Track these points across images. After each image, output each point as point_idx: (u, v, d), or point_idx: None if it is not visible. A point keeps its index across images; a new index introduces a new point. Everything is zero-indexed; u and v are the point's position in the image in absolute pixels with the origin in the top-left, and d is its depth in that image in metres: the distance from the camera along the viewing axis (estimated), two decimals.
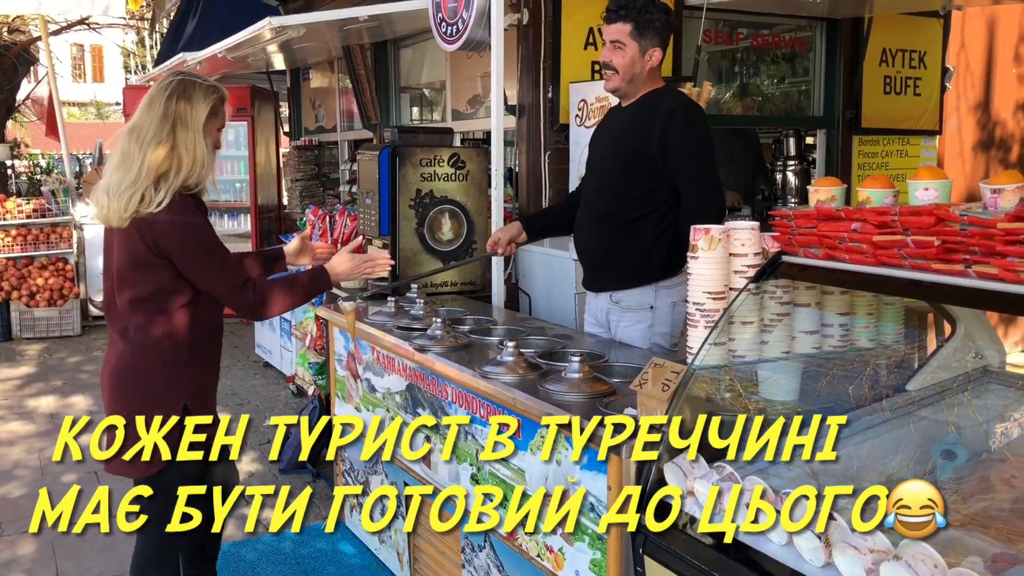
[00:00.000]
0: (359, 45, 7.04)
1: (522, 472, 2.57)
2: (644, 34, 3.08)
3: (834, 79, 5.93)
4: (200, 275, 2.59)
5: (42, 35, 9.91)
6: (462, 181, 4.39)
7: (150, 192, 2.50)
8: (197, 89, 2.59)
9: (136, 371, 2.63)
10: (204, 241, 2.59)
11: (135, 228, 2.52)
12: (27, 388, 6.57)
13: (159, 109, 2.55)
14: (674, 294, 3.16)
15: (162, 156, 2.52)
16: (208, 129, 2.61)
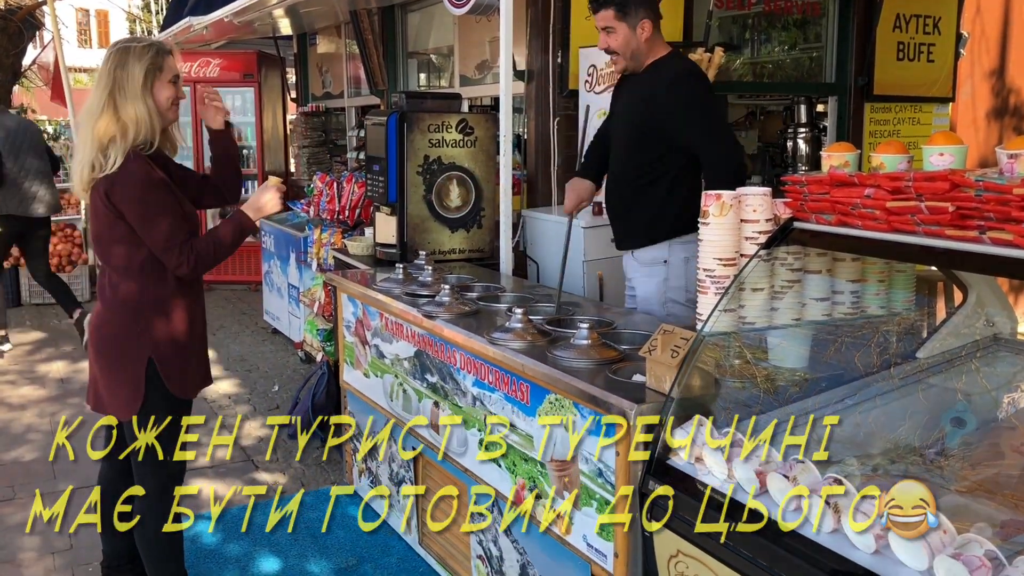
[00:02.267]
0: (366, 10, 6.98)
1: (530, 438, 2.57)
2: (628, 12, 3.22)
3: (847, 45, 5.85)
4: (141, 229, 2.70)
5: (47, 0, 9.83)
6: (470, 148, 4.36)
7: (99, 159, 2.65)
8: (131, 53, 2.69)
9: (106, 326, 2.81)
10: (147, 194, 2.68)
11: (96, 190, 2.68)
12: (37, 353, 6.60)
13: (101, 82, 2.69)
14: (688, 250, 3.23)
15: (103, 125, 2.65)
16: (155, 87, 2.70)
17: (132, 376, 2.76)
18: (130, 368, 2.76)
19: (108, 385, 2.83)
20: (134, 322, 2.77)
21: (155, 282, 2.77)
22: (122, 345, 2.78)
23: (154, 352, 2.77)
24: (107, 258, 2.78)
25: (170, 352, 2.81)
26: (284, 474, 4.32)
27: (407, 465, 3.48)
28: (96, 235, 2.78)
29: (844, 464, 2.07)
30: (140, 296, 2.76)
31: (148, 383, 2.76)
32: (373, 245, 4.62)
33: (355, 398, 3.92)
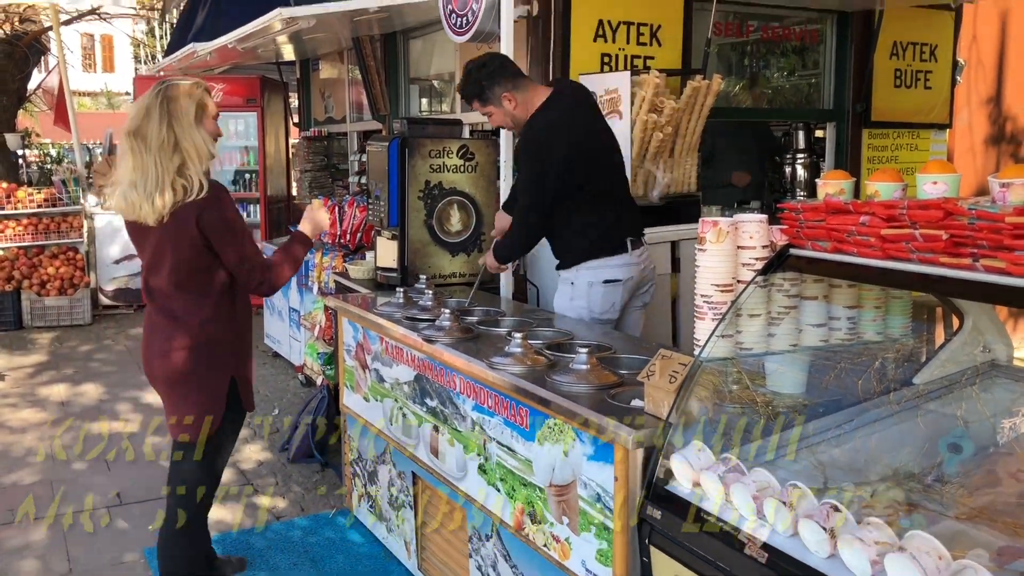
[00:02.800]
0: (369, 36, 7.04)
1: (529, 463, 2.58)
2: (488, 98, 3.62)
3: (844, 72, 5.91)
4: (227, 252, 2.89)
5: (53, 25, 9.94)
6: (471, 173, 4.39)
7: (179, 184, 2.80)
8: (181, 90, 2.90)
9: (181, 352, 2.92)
10: (236, 226, 2.92)
11: (183, 216, 2.81)
12: (38, 376, 6.61)
13: (155, 114, 2.84)
14: (593, 275, 3.63)
15: (170, 155, 2.81)
16: (202, 121, 2.91)
17: (217, 396, 2.97)
18: (212, 388, 2.96)
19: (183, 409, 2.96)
20: (216, 346, 2.95)
21: (228, 306, 2.99)
22: (204, 368, 2.94)
23: (235, 371, 3.02)
24: (186, 283, 2.91)
25: (246, 371, 3.08)
26: (284, 498, 4.32)
27: (406, 490, 3.48)
28: (177, 261, 2.87)
29: (841, 490, 2.08)
30: (217, 320, 2.95)
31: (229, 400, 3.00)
32: (374, 269, 4.64)
33: (355, 422, 3.93)
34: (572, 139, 3.55)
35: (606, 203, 3.68)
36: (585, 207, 3.62)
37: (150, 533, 3.91)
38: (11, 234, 8.39)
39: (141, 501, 4.26)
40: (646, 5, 4.84)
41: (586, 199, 3.62)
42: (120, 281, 8.91)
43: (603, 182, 3.67)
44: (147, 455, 4.87)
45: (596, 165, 3.65)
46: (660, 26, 4.91)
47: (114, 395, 6.08)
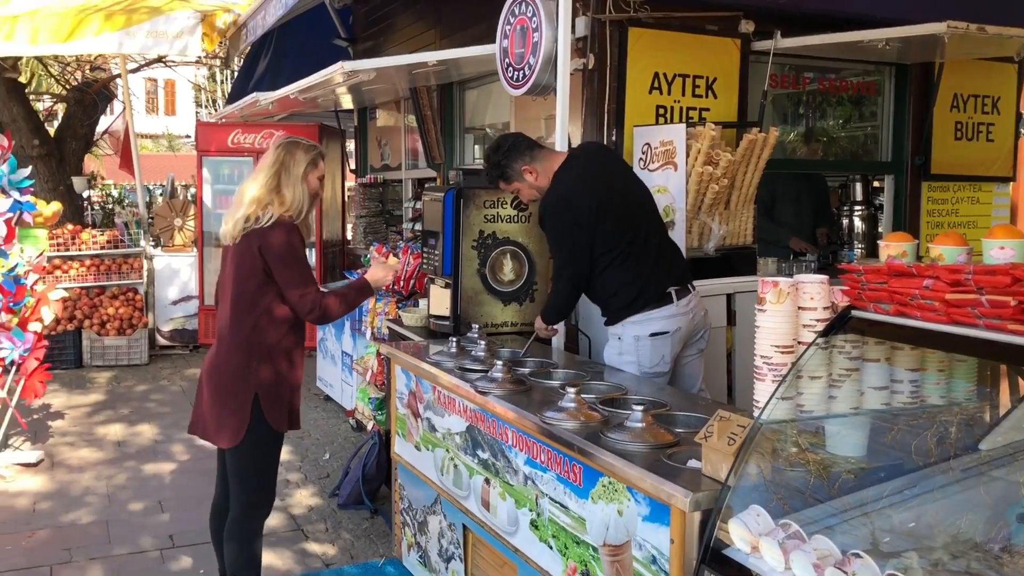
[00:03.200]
0: (426, 86, 7.18)
1: (583, 520, 2.56)
2: (510, 177, 3.82)
3: (903, 124, 5.85)
4: (281, 278, 3.19)
5: (121, 73, 10.30)
6: (524, 223, 4.42)
7: (255, 214, 3.17)
8: (300, 147, 3.32)
9: (224, 364, 3.24)
10: (292, 251, 3.19)
11: (249, 239, 3.18)
12: (96, 416, 6.75)
13: (270, 158, 3.28)
14: (638, 329, 3.66)
15: (265, 192, 3.22)
16: (308, 179, 3.30)
17: (240, 408, 3.18)
18: (240, 401, 3.18)
19: (217, 415, 3.24)
20: (250, 361, 3.19)
21: (273, 327, 3.22)
22: (234, 379, 3.20)
23: (260, 389, 3.20)
24: (238, 300, 3.22)
25: (274, 390, 3.24)
26: (333, 545, 4.33)
27: (457, 542, 3.46)
28: (237, 279, 3.22)
29: (903, 558, 2.02)
30: (260, 338, 3.20)
31: (252, 415, 3.18)
32: (427, 316, 4.68)
33: (406, 470, 3.93)
34: (591, 192, 3.64)
35: (642, 254, 3.69)
36: (618, 261, 3.65)
37: None
38: (74, 275, 8.62)
39: (193, 544, 4.30)
40: (702, 58, 4.87)
41: (619, 253, 3.64)
42: (177, 322, 9.09)
43: (635, 233, 3.69)
44: (199, 498, 4.92)
45: (625, 217, 3.68)
46: (716, 78, 4.93)
47: (168, 436, 6.17)
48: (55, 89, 14.13)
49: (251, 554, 3.32)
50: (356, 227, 9.35)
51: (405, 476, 3.96)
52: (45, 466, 5.49)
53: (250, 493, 3.29)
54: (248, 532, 3.31)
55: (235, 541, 3.29)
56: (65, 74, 12.97)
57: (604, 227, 3.62)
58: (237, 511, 3.29)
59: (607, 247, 3.64)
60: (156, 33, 8.15)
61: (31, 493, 5.03)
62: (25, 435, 6.05)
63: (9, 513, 4.73)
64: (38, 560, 4.13)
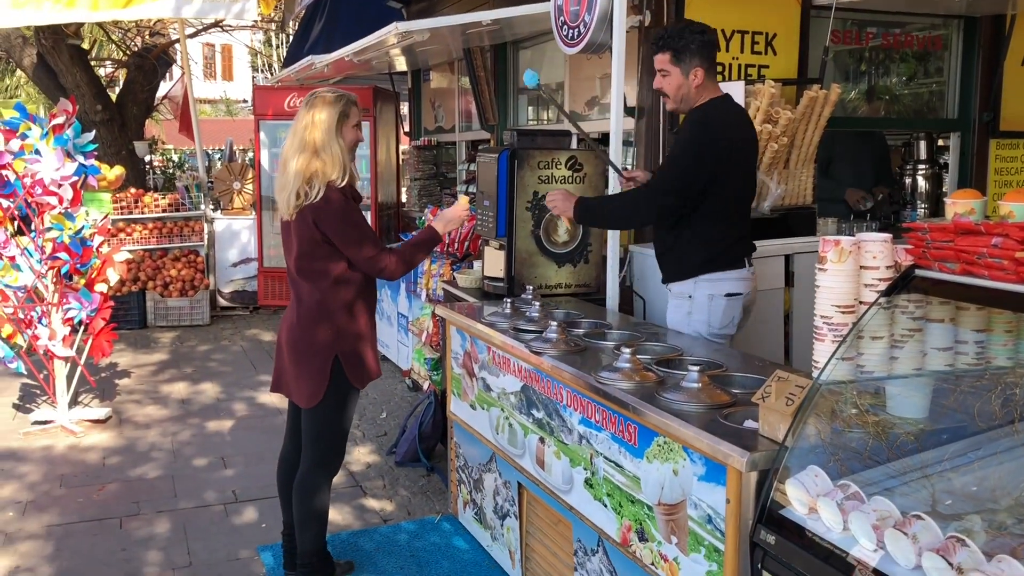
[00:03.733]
0: (480, 47, 7.14)
1: (637, 480, 2.57)
2: (683, 58, 3.48)
3: (971, 79, 5.67)
4: (345, 246, 3.23)
5: (180, 38, 10.43)
6: (579, 183, 4.39)
7: (304, 189, 3.18)
8: (324, 102, 3.24)
9: (302, 328, 3.31)
10: (348, 219, 3.22)
11: (304, 214, 3.20)
12: (161, 374, 6.94)
13: (300, 125, 3.23)
14: (714, 287, 3.56)
15: (304, 163, 3.19)
16: (342, 131, 3.24)
17: (319, 370, 3.27)
18: (319, 363, 3.27)
19: (296, 376, 3.33)
20: (326, 325, 3.27)
21: (343, 291, 3.28)
22: (314, 342, 3.27)
23: (340, 350, 3.28)
24: (307, 272, 3.28)
25: (352, 349, 3.32)
26: (391, 501, 4.41)
27: (512, 499, 3.50)
28: (300, 253, 3.27)
29: (965, 520, 1.99)
30: (332, 303, 3.27)
31: (332, 376, 3.27)
32: (481, 278, 4.70)
33: (461, 429, 3.98)
34: (736, 143, 3.52)
35: (740, 215, 3.64)
36: (718, 216, 3.55)
37: (263, 530, 4.06)
38: (138, 237, 8.82)
39: (255, 500, 4.42)
40: (761, 14, 4.76)
41: (721, 208, 3.54)
42: (237, 284, 9.26)
43: (745, 193, 3.64)
44: (261, 454, 5.05)
45: (741, 177, 3.60)
46: (775, 35, 4.82)
47: (230, 394, 6.32)
48: (116, 55, 14.37)
49: (320, 508, 3.40)
50: (410, 190, 9.39)
51: (461, 435, 4.00)
52: (113, 422, 5.67)
53: (324, 450, 3.37)
54: (318, 487, 3.39)
55: (305, 495, 3.37)
56: (126, 40, 13.16)
57: (731, 176, 3.48)
58: (308, 466, 3.37)
59: (721, 196, 3.50)
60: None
61: (101, 448, 5.21)
62: (94, 392, 6.25)
63: (81, 467, 4.90)
64: (109, 512, 4.29)
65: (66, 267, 5.46)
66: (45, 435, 5.42)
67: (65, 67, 10.31)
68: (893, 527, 1.82)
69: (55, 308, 5.48)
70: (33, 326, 5.48)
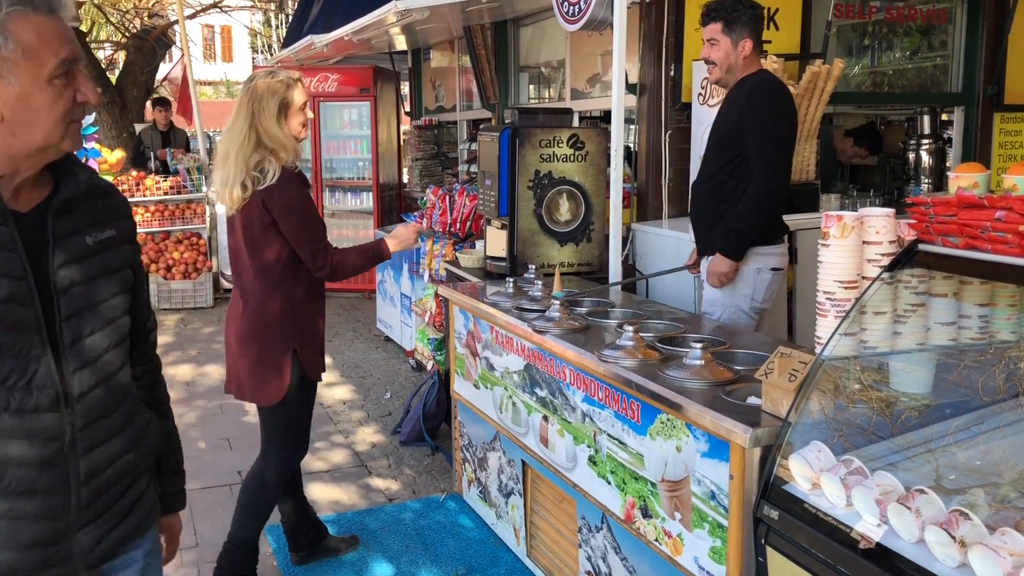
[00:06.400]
0: (480, 25, 7.09)
1: (641, 457, 2.57)
2: (734, 28, 3.51)
3: (975, 53, 5.62)
4: (291, 235, 3.06)
5: (179, 19, 10.37)
6: (581, 162, 4.38)
7: (252, 177, 3.01)
8: (267, 88, 3.06)
9: (253, 323, 3.14)
10: (299, 209, 3.07)
11: (252, 201, 3.03)
12: (166, 357, 6.94)
13: (242, 113, 3.06)
14: (760, 261, 3.54)
15: (250, 151, 3.02)
16: (289, 114, 3.07)
17: (277, 367, 3.13)
18: (276, 358, 3.13)
19: (253, 375, 3.17)
20: (280, 319, 3.13)
21: (293, 282, 3.13)
22: (268, 338, 3.14)
23: (297, 343, 3.15)
24: (255, 260, 3.11)
25: (308, 342, 3.20)
26: (396, 480, 4.43)
27: (516, 477, 3.52)
28: (248, 240, 3.10)
29: (969, 494, 1.99)
30: (283, 295, 3.12)
31: (292, 369, 3.15)
32: (484, 258, 4.69)
33: (465, 409, 3.99)
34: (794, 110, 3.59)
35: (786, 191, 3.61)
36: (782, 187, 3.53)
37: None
38: (140, 220, 8.81)
39: None
40: None
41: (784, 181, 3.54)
42: None
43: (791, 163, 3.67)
44: None
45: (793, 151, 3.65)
46: (778, 9, 4.78)
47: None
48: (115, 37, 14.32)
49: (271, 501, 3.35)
50: (412, 170, 9.37)
51: (465, 414, 4.01)
52: None
53: (289, 447, 3.29)
54: (277, 483, 3.31)
55: (260, 487, 3.29)
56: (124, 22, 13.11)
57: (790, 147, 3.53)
58: (272, 463, 3.28)
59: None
60: None
61: None
62: None
63: None
64: None
65: None
66: None
67: None
68: (896, 501, 1.82)
69: None
70: None
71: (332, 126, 9.17)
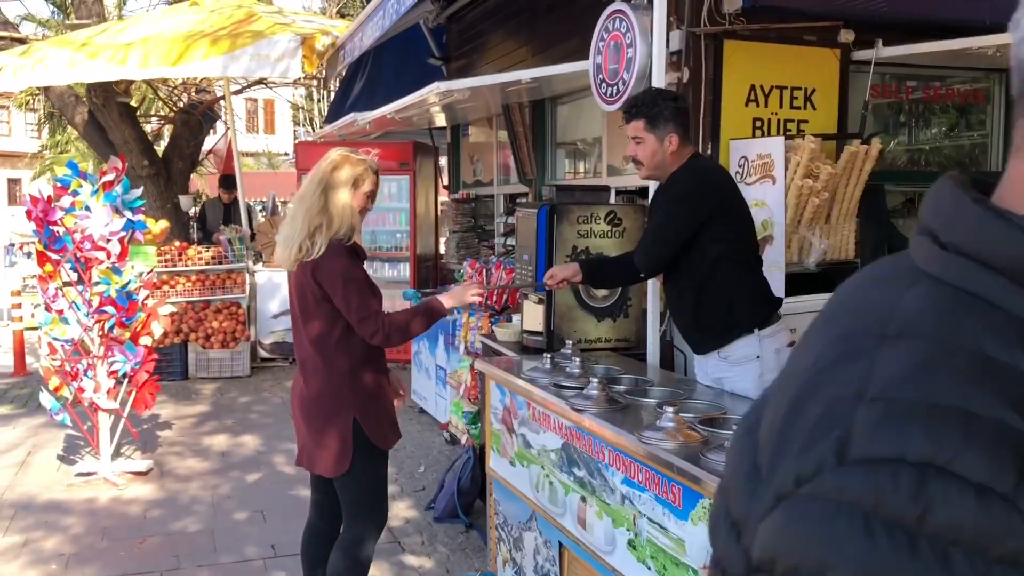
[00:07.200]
0: (518, 103, 7.23)
1: (682, 542, 2.52)
2: (657, 125, 3.39)
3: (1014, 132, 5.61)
4: (341, 304, 3.12)
5: (225, 95, 10.69)
6: (618, 238, 4.41)
7: (307, 243, 3.11)
8: (348, 162, 3.21)
9: (313, 393, 3.21)
10: (347, 277, 3.12)
11: (303, 271, 3.14)
12: (202, 426, 6.99)
13: (317, 178, 3.19)
14: (777, 341, 3.45)
15: (315, 214, 3.13)
16: (355, 195, 3.19)
17: (339, 437, 3.16)
18: (338, 428, 3.16)
19: (317, 447, 3.21)
20: (337, 388, 3.17)
21: (348, 351, 3.18)
22: (328, 409, 3.18)
23: (357, 411, 3.17)
24: (308, 330, 3.18)
25: (368, 410, 3.21)
26: (430, 558, 4.37)
27: (552, 559, 3.46)
28: (302, 311, 3.20)
29: None
30: (339, 365, 3.17)
31: (355, 438, 3.16)
32: (520, 332, 4.70)
33: (500, 486, 3.95)
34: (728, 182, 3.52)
35: (758, 263, 3.58)
36: (753, 266, 3.51)
37: None
38: (181, 289, 8.97)
39: (294, 554, 4.38)
40: (800, 70, 4.78)
41: (748, 259, 3.49)
42: (277, 335, 9.35)
43: (755, 243, 3.60)
44: (300, 508, 5.04)
45: (749, 224, 3.56)
46: (814, 90, 4.83)
47: (270, 447, 6.35)
48: (163, 111, 14.76)
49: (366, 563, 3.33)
50: (449, 242, 9.47)
51: (500, 491, 3.98)
52: (155, 475, 5.71)
53: (365, 518, 3.28)
54: (364, 556, 3.29)
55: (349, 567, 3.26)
56: (172, 96, 13.53)
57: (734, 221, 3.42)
58: (353, 537, 3.28)
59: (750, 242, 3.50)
60: (259, 56, 8.43)
61: (142, 501, 5.24)
62: (136, 444, 6.31)
63: (123, 519, 4.94)
64: (149, 566, 4.30)
65: (112, 320, 5.56)
66: (88, 487, 5.48)
67: (114, 123, 10.61)
68: None
69: (101, 361, 5.57)
70: (79, 378, 5.57)
71: None
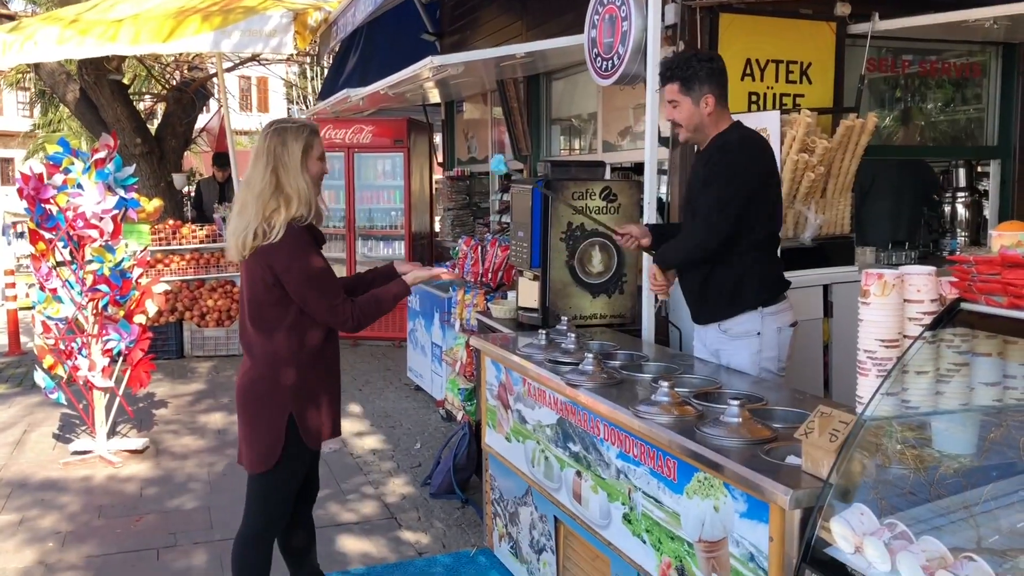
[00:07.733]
0: (512, 78, 7.19)
1: (677, 516, 2.53)
2: (692, 87, 3.37)
3: (1010, 106, 5.60)
4: (301, 293, 2.94)
5: (218, 72, 10.60)
6: (613, 214, 4.39)
7: (263, 227, 2.89)
8: (289, 133, 2.97)
9: (253, 383, 3.02)
10: (306, 266, 2.93)
11: (257, 257, 2.93)
12: (198, 404, 6.99)
13: (262, 159, 2.95)
14: (779, 319, 3.44)
15: (268, 198, 2.91)
16: (307, 164, 2.97)
17: (270, 432, 2.97)
18: (269, 424, 2.97)
19: (246, 438, 3.05)
20: (278, 380, 2.97)
21: (296, 341, 2.98)
22: (263, 394, 2.99)
23: (295, 405, 2.98)
24: (257, 320, 2.99)
25: (307, 407, 3.01)
26: (426, 533, 4.39)
27: (548, 534, 3.47)
28: (250, 298, 3.00)
29: (1019, 559, 1.94)
30: (284, 355, 2.97)
31: (287, 437, 2.97)
32: (515, 309, 4.69)
33: (496, 461, 3.96)
34: (771, 166, 3.46)
35: (776, 243, 3.57)
36: (769, 244, 3.48)
37: None
38: (175, 268, 8.94)
39: None
40: (796, 43, 4.75)
41: (768, 235, 3.47)
42: None
43: (779, 221, 3.57)
44: None
45: (777, 201, 3.54)
46: (810, 64, 4.80)
47: None
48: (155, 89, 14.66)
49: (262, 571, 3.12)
50: (444, 220, 9.45)
51: (496, 467, 3.98)
52: (150, 453, 5.71)
53: (271, 515, 3.08)
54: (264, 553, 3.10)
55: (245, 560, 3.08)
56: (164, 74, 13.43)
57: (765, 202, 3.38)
58: (254, 531, 3.09)
59: (771, 222, 3.45)
60: (251, 32, 8.33)
61: (138, 478, 5.24)
62: (131, 423, 6.31)
63: (119, 497, 4.94)
64: (146, 544, 4.31)
65: (106, 299, 5.54)
66: (84, 465, 5.48)
67: (106, 102, 10.53)
68: (945, 569, 1.77)
69: (95, 339, 5.55)
70: (73, 357, 5.55)
71: (366, 176, 9.31)
